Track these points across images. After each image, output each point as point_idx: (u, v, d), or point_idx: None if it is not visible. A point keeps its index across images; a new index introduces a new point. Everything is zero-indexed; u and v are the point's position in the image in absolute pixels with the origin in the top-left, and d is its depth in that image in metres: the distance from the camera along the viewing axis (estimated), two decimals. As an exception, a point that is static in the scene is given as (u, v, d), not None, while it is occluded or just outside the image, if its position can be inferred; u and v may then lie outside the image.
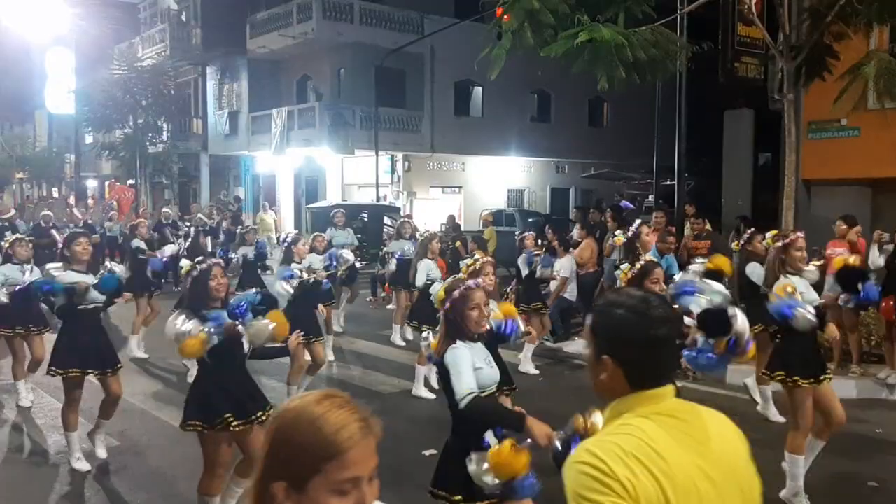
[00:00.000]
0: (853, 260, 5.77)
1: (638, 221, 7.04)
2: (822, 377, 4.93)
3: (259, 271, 10.81)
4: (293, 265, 7.36)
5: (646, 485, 1.55)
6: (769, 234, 5.50)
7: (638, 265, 4.15)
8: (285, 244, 7.77)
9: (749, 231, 7.54)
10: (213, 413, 4.27)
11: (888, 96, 9.27)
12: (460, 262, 8.33)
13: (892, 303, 7.87)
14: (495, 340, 4.48)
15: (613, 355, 1.72)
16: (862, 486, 5.26)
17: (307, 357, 7.11)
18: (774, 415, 6.86)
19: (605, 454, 1.58)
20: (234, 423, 4.27)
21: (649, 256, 4.32)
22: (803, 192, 12.17)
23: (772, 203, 14.24)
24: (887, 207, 11.98)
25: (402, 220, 12.04)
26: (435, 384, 7.37)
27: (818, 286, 5.78)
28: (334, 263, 8.38)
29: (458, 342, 3.43)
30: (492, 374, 3.51)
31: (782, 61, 9.83)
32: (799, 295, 4.87)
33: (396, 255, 10.66)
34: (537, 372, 8.75)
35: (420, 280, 8.15)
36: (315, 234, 9.50)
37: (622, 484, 1.54)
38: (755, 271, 6.70)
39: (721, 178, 16.44)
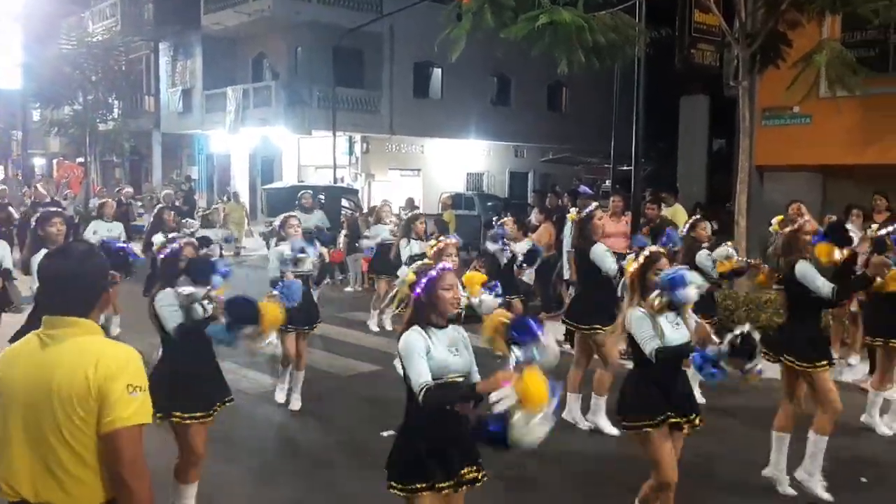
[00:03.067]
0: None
1: (594, 205, 7.00)
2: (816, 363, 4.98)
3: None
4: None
5: None
6: (775, 220, 5.54)
7: (643, 255, 4.11)
8: (278, 228, 6.96)
9: (692, 218, 7.42)
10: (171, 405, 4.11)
11: (839, 85, 9.47)
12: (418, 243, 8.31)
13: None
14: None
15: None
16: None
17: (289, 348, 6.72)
18: None
19: None
20: (193, 416, 4.18)
21: (654, 247, 4.25)
22: (756, 177, 12.40)
23: (725, 188, 14.50)
24: (837, 194, 12.26)
25: (381, 203, 11.70)
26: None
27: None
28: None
29: (416, 328, 3.35)
30: (455, 362, 3.37)
31: (738, 48, 9.97)
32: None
33: (377, 242, 10.23)
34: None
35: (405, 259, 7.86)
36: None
37: None
38: (702, 261, 6.78)
39: (676, 162, 16.66)
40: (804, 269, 5.04)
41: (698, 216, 7.49)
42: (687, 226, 7.24)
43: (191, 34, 27.18)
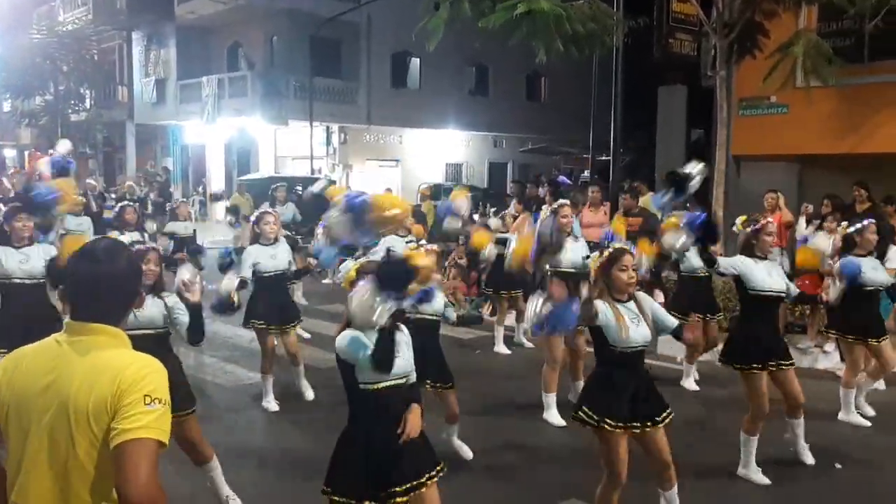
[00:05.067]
0: None
1: (561, 201, 6.95)
2: (773, 364, 5.04)
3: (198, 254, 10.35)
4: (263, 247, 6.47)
5: (2, 380, 2.02)
6: (739, 220, 5.52)
7: (607, 252, 4.07)
8: (253, 223, 6.71)
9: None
10: None
11: (815, 75, 9.52)
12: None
13: (807, 280, 8.16)
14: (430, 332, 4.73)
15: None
16: (784, 450, 5.45)
17: (276, 344, 6.60)
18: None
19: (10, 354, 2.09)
20: None
21: (620, 244, 4.19)
22: (733, 167, 12.45)
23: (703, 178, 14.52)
24: (813, 183, 12.35)
25: None
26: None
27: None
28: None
29: (351, 329, 3.28)
30: (396, 364, 3.30)
31: (715, 38, 9.99)
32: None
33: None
34: (510, 352, 8.75)
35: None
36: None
37: None
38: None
39: (655, 152, 16.71)
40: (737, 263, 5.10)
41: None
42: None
43: (164, 23, 26.80)
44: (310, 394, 6.80)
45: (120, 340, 2.05)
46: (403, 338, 3.45)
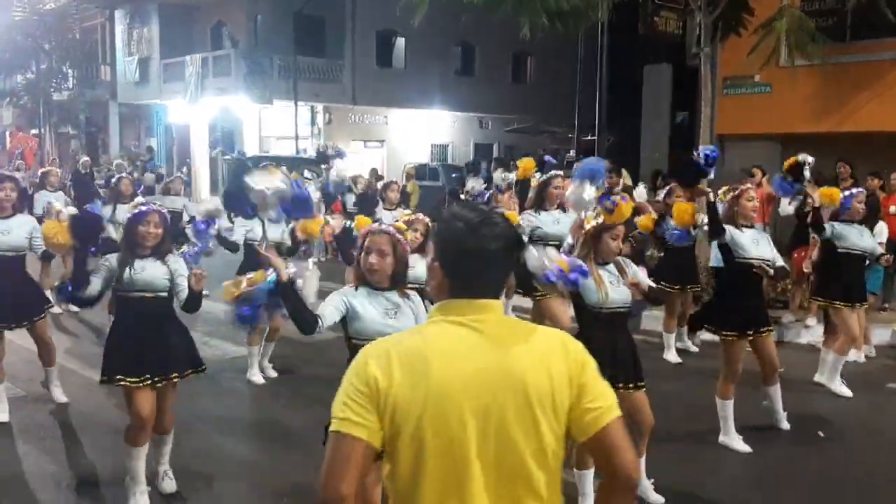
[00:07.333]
0: None
1: (552, 172, 6.99)
2: (752, 332, 5.14)
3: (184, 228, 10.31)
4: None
5: (401, 382, 1.64)
6: (721, 190, 5.55)
7: (604, 215, 4.10)
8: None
9: (670, 185, 7.58)
10: (115, 369, 4.13)
11: (799, 52, 9.57)
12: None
13: (803, 253, 8.25)
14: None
15: (442, 262, 1.77)
16: (765, 418, 5.54)
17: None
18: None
19: (372, 353, 1.70)
20: (131, 381, 4.09)
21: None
22: (717, 146, 12.52)
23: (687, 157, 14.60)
24: (795, 162, 12.44)
25: (387, 182, 11.16)
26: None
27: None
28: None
29: (349, 287, 3.37)
30: (390, 325, 3.24)
31: (700, 15, 9.99)
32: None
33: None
34: None
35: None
36: None
37: (371, 381, 1.65)
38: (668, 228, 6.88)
39: (640, 133, 16.74)
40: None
41: (676, 184, 7.55)
42: (663, 193, 7.36)
43: (147, 1, 26.49)
44: (270, 372, 6.77)
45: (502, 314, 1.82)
46: (408, 305, 3.39)
